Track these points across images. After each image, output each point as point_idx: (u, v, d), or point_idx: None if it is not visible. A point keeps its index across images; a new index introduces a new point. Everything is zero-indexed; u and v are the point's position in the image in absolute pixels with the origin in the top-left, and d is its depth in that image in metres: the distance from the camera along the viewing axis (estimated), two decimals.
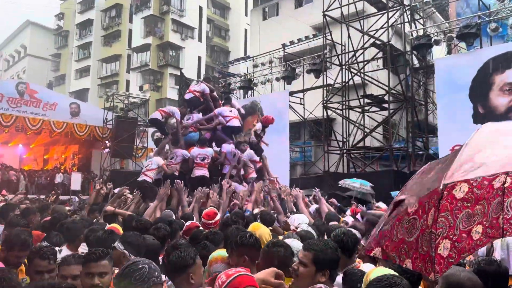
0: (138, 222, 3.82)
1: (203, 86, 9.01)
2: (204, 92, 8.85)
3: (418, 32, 13.57)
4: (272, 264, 2.17)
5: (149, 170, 7.42)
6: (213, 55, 36.99)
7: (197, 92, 8.80)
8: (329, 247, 2.18)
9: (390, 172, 12.60)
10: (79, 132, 21.21)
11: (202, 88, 8.91)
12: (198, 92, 8.79)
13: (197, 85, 9.19)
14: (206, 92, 8.88)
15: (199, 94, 8.76)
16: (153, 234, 3.38)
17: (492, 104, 11.42)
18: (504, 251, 2.85)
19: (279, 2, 23.52)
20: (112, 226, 4.03)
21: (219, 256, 2.54)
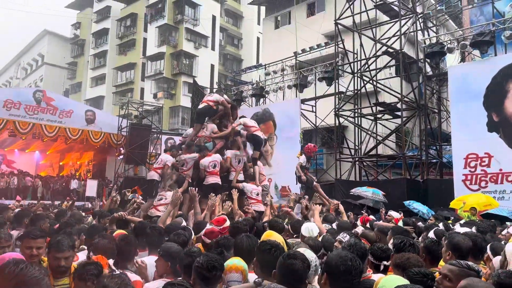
0: (153, 229, 3.88)
1: (216, 96, 9.06)
2: (218, 101, 8.87)
3: (431, 40, 13.51)
4: (287, 277, 2.19)
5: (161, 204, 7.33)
6: (226, 63, 37.30)
7: (211, 101, 8.79)
8: None
9: (403, 180, 12.51)
10: (94, 139, 21.54)
11: (216, 98, 8.93)
12: (212, 102, 8.78)
13: (210, 95, 9.22)
14: (220, 100, 8.90)
15: (213, 103, 8.77)
16: (174, 240, 3.46)
17: (507, 112, 11.28)
18: None
19: (292, 11, 23.67)
20: (119, 232, 4.11)
21: (234, 265, 2.57)
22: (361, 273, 2.26)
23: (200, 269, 2.37)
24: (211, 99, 8.88)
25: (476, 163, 11.43)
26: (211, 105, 8.71)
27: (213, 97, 8.95)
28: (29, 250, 3.10)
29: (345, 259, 2.21)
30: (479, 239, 3.24)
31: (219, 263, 2.44)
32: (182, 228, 4.10)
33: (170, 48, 31.62)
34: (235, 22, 39.32)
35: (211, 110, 8.79)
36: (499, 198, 10.73)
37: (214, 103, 8.75)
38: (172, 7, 32.39)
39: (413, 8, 14.30)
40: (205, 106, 8.72)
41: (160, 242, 3.40)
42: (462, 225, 6.20)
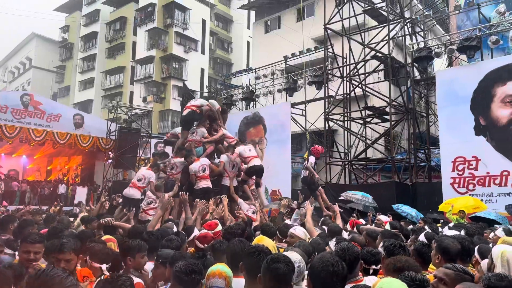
0: (150, 234, 3.84)
1: (200, 100, 9.05)
2: (202, 104, 8.83)
3: (419, 45, 13.68)
4: (272, 280, 2.16)
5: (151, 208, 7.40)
6: (216, 67, 37.29)
7: (194, 106, 8.75)
8: None
9: (392, 183, 12.60)
10: (83, 143, 21.34)
11: (199, 102, 8.90)
12: (195, 106, 8.74)
13: (193, 100, 9.21)
14: (205, 103, 8.88)
15: (196, 108, 8.71)
16: (167, 246, 3.43)
17: (493, 116, 11.43)
18: (505, 268, 2.84)
19: (281, 15, 23.79)
20: (107, 237, 4.07)
21: (218, 270, 2.55)
22: (344, 278, 2.23)
23: (179, 273, 2.37)
24: (194, 103, 8.88)
25: (464, 166, 11.57)
26: (195, 110, 8.67)
27: (196, 102, 8.95)
28: (26, 254, 3.09)
29: (327, 264, 2.17)
30: (466, 242, 3.27)
31: (198, 267, 2.44)
32: (174, 233, 4.07)
33: (159, 51, 31.53)
34: (225, 26, 39.37)
35: (196, 115, 8.73)
36: (487, 201, 10.86)
37: (197, 107, 8.71)
38: (161, 10, 32.32)
39: (401, 13, 14.47)
40: (189, 112, 8.69)
41: (157, 248, 3.37)
42: (451, 228, 6.26)
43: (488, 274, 2.50)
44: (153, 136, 23.28)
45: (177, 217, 6.19)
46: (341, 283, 2.19)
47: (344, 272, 2.20)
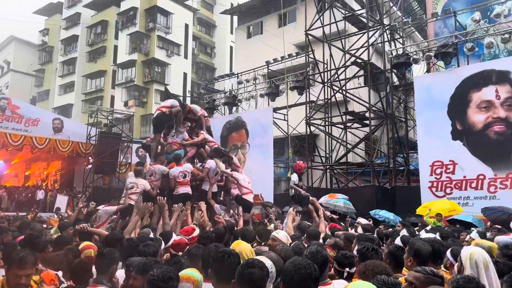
0: (130, 241, 3.79)
1: (170, 101, 8.80)
2: (172, 105, 8.61)
3: (397, 51, 13.94)
4: (247, 286, 2.16)
5: (133, 193, 7.24)
6: (198, 72, 37.21)
7: (164, 107, 8.56)
8: None
9: (372, 187, 12.78)
10: (62, 148, 20.97)
11: (169, 103, 8.67)
12: (165, 108, 8.54)
13: (164, 102, 8.98)
14: (175, 104, 8.67)
15: (166, 109, 8.50)
16: (144, 251, 3.40)
17: (470, 121, 11.71)
18: (474, 270, 2.89)
19: (263, 21, 23.93)
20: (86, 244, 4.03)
21: (186, 275, 2.55)
22: (317, 280, 2.25)
23: (156, 281, 2.35)
24: (164, 105, 8.71)
25: (441, 170, 11.80)
26: (164, 111, 8.47)
27: (166, 103, 8.75)
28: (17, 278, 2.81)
29: (299, 266, 2.19)
30: (437, 245, 3.34)
31: (175, 274, 2.43)
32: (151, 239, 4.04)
33: (141, 55, 31.30)
34: (208, 31, 39.36)
35: (165, 116, 8.49)
36: (464, 204, 11.11)
37: (167, 108, 8.53)
38: (144, 14, 32.12)
39: (381, 20, 14.74)
40: (158, 114, 8.51)
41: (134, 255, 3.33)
42: (428, 231, 6.38)
43: (457, 276, 2.55)
44: (134, 141, 23.03)
45: (157, 223, 6.14)
46: (314, 285, 2.21)
47: (316, 274, 2.22)
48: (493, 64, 11.84)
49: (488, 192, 11.08)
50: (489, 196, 11.02)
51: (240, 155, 17.56)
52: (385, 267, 2.82)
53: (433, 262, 3.21)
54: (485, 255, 2.97)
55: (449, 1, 16.67)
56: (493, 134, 11.28)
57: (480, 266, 2.88)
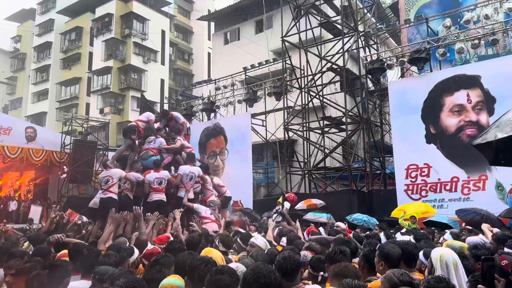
0: (90, 250, 3.70)
1: (147, 114, 8.95)
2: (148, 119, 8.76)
3: (372, 57, 14.17)
4: None
5: (111, 185, 7.14)
6: (176, 78, 36.98)
7: (140, 121, 8.69)
8: None
9: (350, 191, 12.90)
10: (35, 157, 20.42)
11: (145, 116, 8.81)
12: (140, 121, 8.68)
13: (142, 115, 9.17)
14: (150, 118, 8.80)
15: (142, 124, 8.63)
16: (104, 262, 3.31)
17: (443, 125, 11.99)
18: (444, 270, 2.95)
19: (240, 27, 24.01)
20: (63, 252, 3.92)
21: (169, 284, 2.50)
22: (278, 287, 2.24)
23: None
24: (140, 118, 8.84)
25: (416, 173, 12.02)
26: (139, 125, 8.61)
27: (143, 117, 8.90)
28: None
29: (259, 275, 2.18)
30: (410, 247, 3.37)
31: (140, 284, 2.40)
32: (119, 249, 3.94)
33: (117, 62, 30.90)
34: (185, 37, 39.21)
35: (135, 128, 8.57)
36: (439, 206, 11.33)
37: (142, 122, 8.66)
38: (119, 21, 31.76)
39: (355, 27, 14.98)
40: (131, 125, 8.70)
41: (95, 266, 3.24)
42: (403, 233, 6.47)
43: (428, 276, 2.59)
44: (110, 148, 22.63)
45: (131, 232, 6.01)
46: None
47: (276, 283, 2.21)
48: (464, 69, 12.19)
49: (462, 194, 11.34)
50: (463, 198, 11.28)
51: (219, 162, 17.49)
52: (354, 270, 2.84)
53: (406, 265, 3.24)
54: (454, 256, 3.04)
55: (422, 8, 17.11)
56: (465, 137, 11.56)
57: (450, 266, 2.95)
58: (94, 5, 32.64)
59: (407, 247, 3.33)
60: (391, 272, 2.58)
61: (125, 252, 3.52)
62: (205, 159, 17.22)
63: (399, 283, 2.48)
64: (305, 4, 15.66)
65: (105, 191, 7.08)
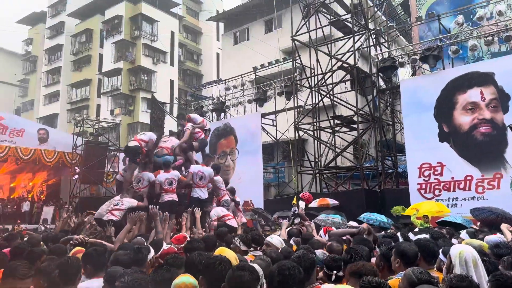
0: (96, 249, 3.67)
1: (149, 134, 8.53)
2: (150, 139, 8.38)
3: (383, 55, 14.07)
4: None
5: (117, 209, 7.05)
6: (185, 79, 37.11)
7: (143, 141, 8.20)
8: None
9: (361, 191, 12.81)
10: (47, 158, 20.65)
11: (148, 136, 8.35)
12: (143, 141, 8.19)
13: (143, 134, 8.64)
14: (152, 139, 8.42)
15: (144, 144, 8.20)
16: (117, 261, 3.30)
17: (456, 123, 11.84)
18: (463, 267, 2.89)
19: (250, 27, 24.00)
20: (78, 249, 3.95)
21: (183, 283, 2.49)
22: (300, 282, 2.30)
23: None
24: (141, 138, 8.30)
25: (429, 172, 11.89)
26: (141, 145, 8.11)
27: (144, 136, 8.37)
28: None
29: (283, 268, 2.27)
30: (431, 244, 3.32)
31: (144, 282, 2.46)
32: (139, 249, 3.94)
33: (127, 63, 31.09)
34: (194, 38, 39.34)
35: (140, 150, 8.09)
36: (452, 205, 11.19)
37: (144, 143, 8.18)
38: (129, 22, 31.97)
39: (366, 25, 14.87)
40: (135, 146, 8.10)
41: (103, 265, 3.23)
42: (416, 232, 6.38)
43: (450, 275, 2.55)
44: (121, 149, 22.80)
45: (146, 232, 6.02)
46: (297, 286, 2.26)
47: (300, 276, 2.28)
48: (477, 66, 12.02)
49: (476, 192, 11.19)
50: (477, 197, 11.13)
51: (229, 162, 17.51)
52: (371, 268, 2.81)
53: (426, 262, 3.19)
54: (474, 253, 2.98)
55: (433, 5, 16.92)
56: (480, 135, 11.42)
57: (469, 263, 2.90)
58: (104, 7, 32.91)
59: (428, 244, 3.29)
60: (410, 270, 2.55)
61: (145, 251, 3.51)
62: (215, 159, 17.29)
63: (417, 281, 2.45)
64: (314, 2, 15.59)
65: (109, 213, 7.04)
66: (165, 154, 8.25)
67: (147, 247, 3.60)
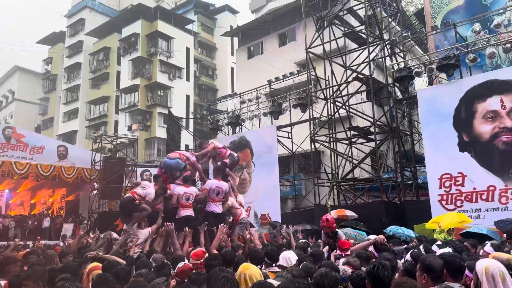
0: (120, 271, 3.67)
1: (148, 190, 7.61)
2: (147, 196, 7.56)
3: (399, 65, 13.94)
4: None
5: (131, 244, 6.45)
6: (201, 94, 37.49)
7: (138, 195, 7.35)
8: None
9: (381, 203, 12.57)
10: (67, 174, 20.98)
11: (145, 193, 7.47)
12: (137, 195, 7.35)
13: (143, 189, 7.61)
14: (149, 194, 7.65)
15: (138, 197, 7.40)
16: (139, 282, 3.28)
17: (476, 132, 11.58)
18: (491, 284, 2.76)
19: (263, 41, 24.18)
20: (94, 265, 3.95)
21: None
22: None
23: None
24: (138, 192, 7.38)
25: (450, 183, 11.62)
26: (135, 198, 7.30)
27: (141, 191, 7.42)
28: None
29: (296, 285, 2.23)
30: (457, 259, 3.19)
31: None
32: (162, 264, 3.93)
33: (144, 80, 31.60)
34: (209, 53, 39.82)
35: (132, 204, 7.29)
36: (475, 216, 10.88)
37: (139, 197, 7.33)
38: (145, 40, 32.59)
39: (380, 35, 14.81)
40: (128, 198, 7.45)
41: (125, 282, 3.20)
42: (440, 246, 6.20)
43: None
44: (139, 164, 23.04)
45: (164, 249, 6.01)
46: None
47: None
48: (496, 74, 11.77)
49: (500, 203, 10.86)
50: (501, 208, 10.80)
51: (246, 175, 17.46)
52: (415, 284, 2.68)
53: (452, 277, 3.06)
54: (501, 268, 2.85)
55: (448, 14, 16.78)
56: (501, 144, 11.13)
57: (496, 279, 2.76)
58: (121, 26, 33.68)
59: (453, 259, 3.14)
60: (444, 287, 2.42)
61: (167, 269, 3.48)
62: None
63: None
64: (328, 15, 15.62)
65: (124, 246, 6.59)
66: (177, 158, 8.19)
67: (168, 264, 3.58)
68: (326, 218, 6.78)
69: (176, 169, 8.03)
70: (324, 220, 6.75)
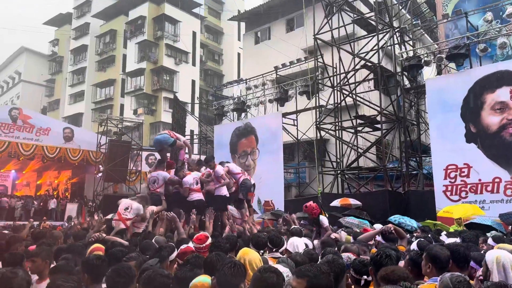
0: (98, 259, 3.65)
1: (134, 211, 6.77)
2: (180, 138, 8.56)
3: (408, 54, 13.77)
4: None
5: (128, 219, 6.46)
6: (207, 79, 37.33)
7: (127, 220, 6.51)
8: (322, 273, 2.11)
9: (385, 192, 12.54)
10: (72, 157, 21.11)
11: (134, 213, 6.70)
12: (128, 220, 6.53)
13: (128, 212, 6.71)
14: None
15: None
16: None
17: (484, 123, 11.47)
18: (501, 274, 2.74)
19: (271, 26, 23.92)
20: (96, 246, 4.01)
21: (199, 282, 2.48)
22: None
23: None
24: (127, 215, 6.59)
25: (456, 174, 11.56)
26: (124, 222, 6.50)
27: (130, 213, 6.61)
28: None
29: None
30: (462, 249, 3.17)
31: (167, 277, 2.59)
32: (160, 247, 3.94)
33: (150, 64, 31.49)
34: (216, 38, 39.53)
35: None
36: (480, 208, 10.84)
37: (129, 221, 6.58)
38: (152, 23, 32.37)
39: (390, 23, 14.59)
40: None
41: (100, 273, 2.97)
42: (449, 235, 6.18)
43: (487, 283, 2.41)
44: (144, 148, 23.10)
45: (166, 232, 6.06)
46: None
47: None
48: (507, 65, 11.57)
49: (505, 195, 10.81)
50: (506, 200, 10.76)
51: (250, 161, 17.47)
52: (403, 274, 2.69)
53: (458, 267, 3.04)
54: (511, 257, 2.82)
55: (460, 2, 16.48)
56: (509, 136, 11.03)
57: (508, 269, 2.75)
58: (128, 8, 33.42)
59: (459, 249, 3.13)
60: (448, 276, 2.40)
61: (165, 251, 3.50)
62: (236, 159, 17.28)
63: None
64: (337, 1, 15.39)
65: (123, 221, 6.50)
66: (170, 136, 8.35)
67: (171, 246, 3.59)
68: (305, 205, 6.67)
69: (165, 144, 8.19)
70: (304, 208, 6.69)
